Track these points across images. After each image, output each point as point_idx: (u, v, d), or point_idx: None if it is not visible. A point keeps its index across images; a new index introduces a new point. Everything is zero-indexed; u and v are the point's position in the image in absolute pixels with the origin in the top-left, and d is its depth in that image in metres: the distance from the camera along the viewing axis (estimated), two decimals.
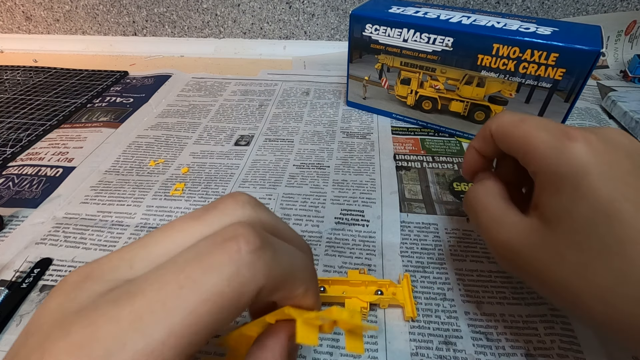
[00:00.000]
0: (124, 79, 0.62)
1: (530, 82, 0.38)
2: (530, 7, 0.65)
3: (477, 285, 0.29)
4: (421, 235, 0.33)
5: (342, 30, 0.71)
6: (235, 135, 0.47)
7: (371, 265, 0.31)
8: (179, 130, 0.48)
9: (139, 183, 0.39)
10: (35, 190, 0.38)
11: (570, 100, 0.37)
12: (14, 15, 0.73)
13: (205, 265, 0.11)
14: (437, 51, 0.41)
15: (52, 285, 0.29)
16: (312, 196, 0.38)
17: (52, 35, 0.75)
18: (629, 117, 0.46)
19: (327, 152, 0.44)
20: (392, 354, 0.25)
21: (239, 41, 0.73)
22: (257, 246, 0.12)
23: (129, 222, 0.35)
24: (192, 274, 0.11)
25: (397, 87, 0.47)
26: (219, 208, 0.13)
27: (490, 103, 0.42)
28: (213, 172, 0.41)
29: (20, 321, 0.27)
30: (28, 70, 0.63)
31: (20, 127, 0.48)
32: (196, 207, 0.36)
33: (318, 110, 0.53)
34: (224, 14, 0.70)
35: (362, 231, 0.34)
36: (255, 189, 0.38)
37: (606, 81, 0.58)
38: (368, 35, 0.45)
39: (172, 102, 0.55)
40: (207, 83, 0.60)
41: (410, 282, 0.28)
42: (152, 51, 0.72)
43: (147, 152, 0.44)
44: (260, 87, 0.59)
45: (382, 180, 0.40)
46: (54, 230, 0.34)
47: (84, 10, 0.72)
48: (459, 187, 0.38)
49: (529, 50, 0.37)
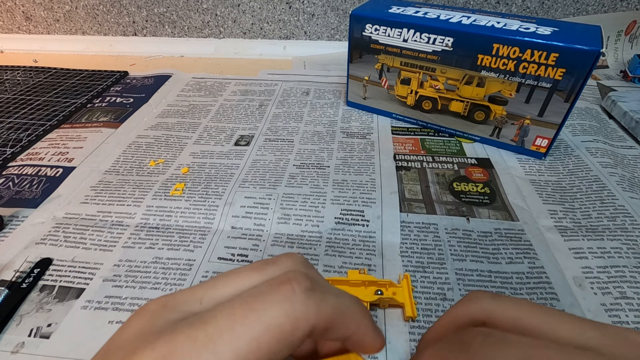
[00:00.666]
0: (124, 79, 0.62)
1: (530, 82, 0.38)
2: (530, 7, 0.65)
3: (477, 285, 0.29)
4: (421, 235, 0.33)
5: (342, 30, 0.71)
6: (235, 135, 0.47)
7: (371, 265, 0.31)
8: (179, 130, 0.48)
9: (139, 183, 0.39)
10: (35, 190, 0.38)
11: (570, 100, 0.37)
12: (14, 15, 0.73)
13: (266, 301, 0.13)
14: (437, 51, 0.41)
15: (52, 285, 0.29)
16: (312, 196, 0.38)
17: (52, 36, 0.75)
18: (629, 117, 0.46)
19: (327, 152, 0.44)
20: (392, 354, 0.25)
21: (239, 41, 0.73)
22: (308, 287, 0.14)
23: (129, 222, 0.35)
24: (256, 306, 0.13)
25: (397, 87, 0.47)
26: (276, 263, 0.16)
27: (490, 103, 0.42)
28: (213, 172, 0.41)
29: (20, 321, 0.27)
30: (28, 71, 0.63)
31: (20, 127, 0.48)
32: (196, 207, 0.36)
33: (318, 110, 0.53)
34: (224, 14, 0.70)
35: (362, 231, 0.34)
36: (255, 189, 0.38)
37: (606, 81, 0.58)
38: (368, 35, 0.45)
39: (172, 102, 0.55)
40: (207, 83, 0.60)
41: (410, 282, 0.28)
42: (152, 51, 0.72)
43: (147, 152, 0.44)
44: (260, 87, 0.59)
45: (382, 180, 0.40)
46: (54, 230, 0.34)
47: (84, 10, 0.72)
48: (459, 187, 0.38)
49: (529, 50, 0.37)
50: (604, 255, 0.31)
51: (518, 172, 0.41)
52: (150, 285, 0.29)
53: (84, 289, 0.29)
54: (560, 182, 0.39)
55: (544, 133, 0.41)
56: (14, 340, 0.26)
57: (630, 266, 0.30)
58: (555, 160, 0.42)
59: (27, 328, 0.26)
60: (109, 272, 0.30)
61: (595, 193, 0.37)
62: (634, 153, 0.43)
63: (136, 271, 0.30)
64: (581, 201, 0.37)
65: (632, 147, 0.44)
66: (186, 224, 0.35)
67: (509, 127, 0.42)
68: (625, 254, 0.31)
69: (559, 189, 0.38)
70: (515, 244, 0.32)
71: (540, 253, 0.31)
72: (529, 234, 0.33)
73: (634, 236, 0.32)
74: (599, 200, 0.36)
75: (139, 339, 0.13)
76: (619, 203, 0.36)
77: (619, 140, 0.45)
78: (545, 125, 0.40)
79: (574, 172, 0.40)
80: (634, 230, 0.33)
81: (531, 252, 0.31)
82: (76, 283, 0.29)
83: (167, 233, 0.34)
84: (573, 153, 0.43)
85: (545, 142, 0.41)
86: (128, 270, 0.30)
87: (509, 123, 0.42)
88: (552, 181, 0.39)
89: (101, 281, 0.30)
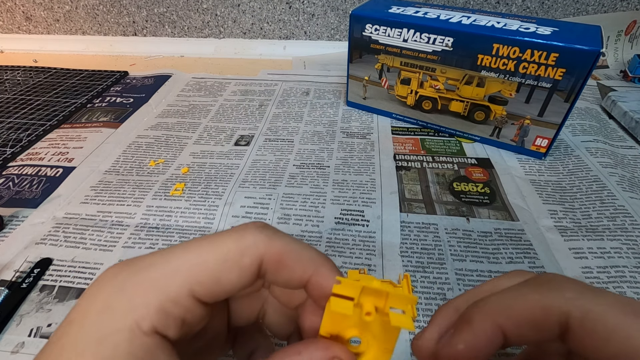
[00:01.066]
0: (124, 79, 0.62)
1: (530, 82, 0.38)
2: (530, 7, 0.65)
3: (477, 285, 0.29)
4: (421, 235, 0.33)
5: (342, 30, 0.71)
6: (235, 135, 0.47)
7: (371, 265, 0.31)
8: (179, 130, 0.48)
9: (139, 183, 0.39)
10: (35, 190, 0.38)
11: (570, 100, 0.37)
12: (14, 15, 0.73)
13: (222, 235, 0.15)
14: (437, 51, 0.41)
15: (52, 285, 0.29)
16: (312, 196, 0.38)
17: (52, 36, 0.75)
18: (629, 117, 0.46)
19: (327, 152, 0.44)
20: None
21: (239, 41, 0.73)
22: (260, 225, 0.15)
23: (129, 222, 0.35)
24: (211, 239, 0.14)
25: (397, 87, 0.47)
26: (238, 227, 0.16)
27: (490, 103, 0.42)
28: (213, 172, 0.41)
29: (20, 321, 0.27)
30: (28, 71, 0.63)
31: (20, 127, 0.48)
32: (196, 207, 0.36)
33: (318, 110, 0.53)
34: (224, 14, 0.70)
35: (362, 231, 0.34)
36: (255, 189, 0.38)
37: (606, 81, 0.58)
38: (368, 35, 0.45)
39: (172, 102, 0.55)
40: (207, 83, 0.60)
41: (410, 282, 0.28)
42: (152, 51, 0.72)
43: (147, 152, 0.44)
44: (260, 87, 0.59)
45: (382, 180, 0.40)
46: (54, 230, 0.34)
47: (84, 10, 0.72)
48: (459, 187, 0.38)
49: (529, 50, 0.37)
50: (604, 256, 0.31)
51: (518, 172, 0.41)
52: None
53: (84, 289, 0.29)
54: (560, 182, 0.39)
55: (544, 133, 0.41)
56: (14, 340, 0.26)
57: (630, 266, 0.30)
58: (555, 160, 0.42)
59: (27, 328, 0.26)
60: None
61: (595, 193, 0.37)
62: (634, 153, 0.43)
63: None
64: (581, 201, 0.37)
65: (632, 147, 0.44)
66: (186, 224, 0.35)
67: (509, 127, 0.42)
68: (625, 254, 0.31)
69: (559, 189, 0.38)
70: (515, 244, 0.32)
71: (540, 253, 0.31)
72: (529, 234, 0.33)
73: (633, 236, 0.32)
74: (599, 200, 0.36)
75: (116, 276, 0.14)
76: (619, 203, 0.36)
77: (619, 140, 0.45)
78: (545, 125, 0.40)
79: (574, 172, 0.40)
80: (633, 230, 0.33)
81: (531, 252, 0.31)
82: (76, 283, 0.29)
83: (167, 233, 0.34)
84: (573, 153, 0.43)
85: (545, 142, 0.41)
86: None
87: (509, 123, 0.42)
88: (552, 181, 0.39)
89: None
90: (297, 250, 0.15)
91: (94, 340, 0.12)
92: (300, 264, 0.15)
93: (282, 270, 0.15)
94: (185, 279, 0.13)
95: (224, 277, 0.14)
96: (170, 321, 0.13)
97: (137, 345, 0.12)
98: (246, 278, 0.14)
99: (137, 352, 0.12)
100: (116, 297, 0.13)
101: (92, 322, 0.13)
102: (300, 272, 0.15)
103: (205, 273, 0.14)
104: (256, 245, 0.14)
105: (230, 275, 0.14)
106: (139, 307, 0.13)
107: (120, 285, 0.13)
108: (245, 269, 0.14)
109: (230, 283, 0.14)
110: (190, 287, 0.13)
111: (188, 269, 0.14)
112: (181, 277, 0.13)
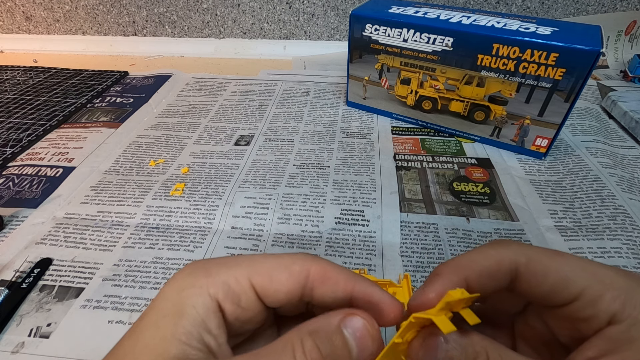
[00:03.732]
0: (124, 79, 0.62)
1: (530, 82, 0.38)
2: (530, 7, 0.65)
3: None
4: (421, 235, 0.33)
5: (342, 30, 0.71)
6: (235, 135, 0.47)
7: (371, 265, 0.31)
8: (179, 130, 0.48)
9: (139, 183, 0.39)
10: (35, 190, 0.38)
11: (570, 100, 0.37)
12: (14, 15, 0.73)
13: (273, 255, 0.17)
14: (437, 51, 0.41)
15: (52, 285, 0.29)
16: (312, 196, 0.38)
17: (52, 35, 0.75)
18: (629, 117, 0.46)
19: (327, 152, 0.44)
20: None
21: (239, 41, 0.73)
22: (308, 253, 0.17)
23: (129, 222, 0.35)
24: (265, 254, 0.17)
25: (397, 87, 0.47)
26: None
27: (490, 103, 0.42)
28: (213, 172, 0.41)
29: (20, 321, 0.27)
30: (28, 71, 0.63)
31: (20, 127, 0.48)
32: (196, 207, 0.36)
33: (318, 110, 0.53)
34: (224, 14, 0.70)
35: (362, 231, 0.34)
36: (256, 189, 0.38)
37: (606, 81, 0.58)
38: (368, 35, 0.45)
39: (172, 102, 0.55)
40: (207, 83, 0.60)
41: (410, 282, 0.28)
42: (152, 51, 0.72)
43: (147, 152, 0.44)
44: (260, 87, 0.59)
45: (382, 180, 0.40)
46: (54, 230, 0.34)
47: (84, 10, 0.72)
48: (459, 187, 0.38)
49: (529, 50, 0.37)
50: (604, 255, 0.31)
51: (518, 172, 0.41)
52: (150, 285, 0.29)
53: (84, 289, 0.29)
54: (560, 182, 0.39)
55: (544, 133, 0.41)
56: (14, 340, 0.26)
57: (630, 266, 0.30)
58: (555, 160, 0.42)
59: (27, 328, 0.26)
60: (108, 272, 0.30)
61: (596, 192, 0.37)
62: (634, 153, 0.43)
63: (136, 271, 0.30)
64: (581, 201, 0.37)
65: (632, 147, 0.44)
66: (186, 224, 0.35)
67: (509, 127, 0.42)
68: (625, 254, 0.31)
69: (559, 189, 0.38)
70: None
71: None
72: (529, 234, 0.33)
73: (633, 236, 0.32)
74: (599, 199, 0.36)
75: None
76: (619, 203, 0.36)
77: (619, 140, 0.45)
78: (545, 125, 0.40)
79: (574, 171, 0.40)
80: (633, 230, 0.33)
81: None
82: (76, 283, 0.29)
83: (167, 233, 0.34)
84: (573, 153, 0.43)
85: (545, 142, 0.41)
86: (128, 270, 0.30)
87: (509, 123, 0.42)
88: (552, 181, 0.39)
89: (100, 280, 0.30)
90: (338, 267, 0.17)
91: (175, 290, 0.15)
92: (343, 276, 0.17)
93: (328, 281, 0.16)
94: (245, 268, 0.16)
95: (275, 275, 0.16)
96: (229, 296, 0.15)
97: (199, 303, 0.15)
98: (294, 284, 0.16)
99: (199, 308, 0.15)
100: (191, 276, 0.16)
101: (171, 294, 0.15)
102: (344, 282, 0.17)
103: (262, 267, 0.16)
104: (304, 258, 0.17)
105: (281, 276, 0.16)
106: (212, 275, 0.15)
107: (190, 271, 0.16)
108: (294, 274, 0.16)
109: (280, 282, 0.16)
110: (249, 275, 0.16)
111: (249, 264, 0.16)
112: (243, 266, 0.16)
